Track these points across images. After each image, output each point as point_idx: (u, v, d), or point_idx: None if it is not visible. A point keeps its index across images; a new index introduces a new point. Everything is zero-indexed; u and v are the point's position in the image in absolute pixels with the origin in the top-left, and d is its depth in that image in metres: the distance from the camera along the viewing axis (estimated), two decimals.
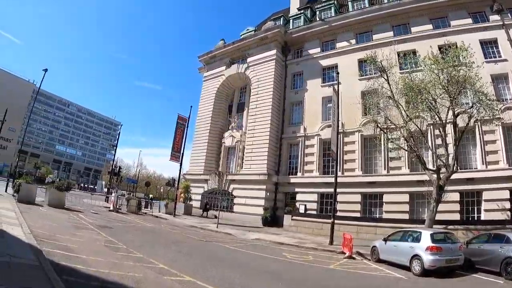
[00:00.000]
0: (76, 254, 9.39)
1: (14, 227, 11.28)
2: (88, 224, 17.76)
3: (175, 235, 18.99)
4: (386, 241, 15.59)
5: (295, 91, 40.33)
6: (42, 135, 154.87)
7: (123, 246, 12.32)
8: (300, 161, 36.55)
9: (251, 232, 25.11)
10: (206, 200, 41.39)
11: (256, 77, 41.12)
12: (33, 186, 24.15)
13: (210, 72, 48.23)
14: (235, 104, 46.41)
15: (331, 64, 37.65)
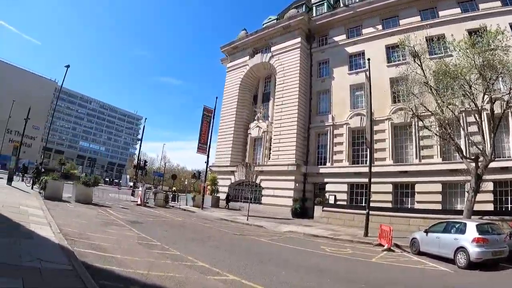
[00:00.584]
0: (110, 254, 9.06)
1: (42, 226, 10.93)
2: (118, 219, 17.77)
3: (207, 229, 19.05)
4: (427, 232, 15.30)
5: (321, 79, 40.16)
6: (66, 132, 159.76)
7: (157, 243, 12.14)
8: (329, 151, 36.57)
9: (282, 224, 25.43)
10: (228, 192, 42.13)
11: (281, 66, 41.16)
12: (59, 182, 24.22)
13: (233, 63, 48.61)
14: (260, 94, 46.58)
15: (357, 51, 37.32)
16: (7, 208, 13.18)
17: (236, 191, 42.89)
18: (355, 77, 36.26)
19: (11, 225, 10.17)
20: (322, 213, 30.70)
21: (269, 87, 45.53)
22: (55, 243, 8.79)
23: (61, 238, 9.45)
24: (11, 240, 8.10)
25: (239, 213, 33.40)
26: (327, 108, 38.62)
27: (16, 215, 12.05)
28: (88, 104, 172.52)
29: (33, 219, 12.06)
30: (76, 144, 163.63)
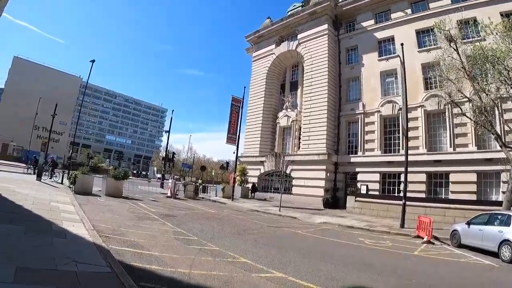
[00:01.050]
0: (147, 251, 8.80)
1: (75, 223, 10.66)
2: (150, 213, 17.53)
3: (242, 222, 18.78)
4: (469, 224, 14.98)
5: (350, 66, 39.72)
6: (92, 126, 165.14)
7: (194, 237, 11.88)
8: (360, 140, 36.32)
9: (315, 215, 25.50)
10: (256, 182, 42.54)
11: (308, 53, 40.87)
12: (89, 177, 24.11)
13: (259, 52, 48.59)
14: (287, 83, 46.50)
15: (387, 37, 36.66)
16: (38, 205, 13.04)
17: (266, 181, 43.23)
18: (386, 63, 35.76)
19: (43, 223, 9.92)
20: (354, 203, 30.51)
21: (296, 75, 45.38)
22: (90, 242, 8.51)
23: (95, 236, 9.24)
24: (44, 240, 7.79)
25: (270, 203, 33.68)
26: (357, 96, 38.25)
27: (48, 212, 11.87)
28: (113, 98, 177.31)
29: (65, 215, 11.90)
30: (103, 138, 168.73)
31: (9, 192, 14.89)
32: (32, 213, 11.18)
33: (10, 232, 7.87)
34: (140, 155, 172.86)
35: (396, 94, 34.25)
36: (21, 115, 74.96)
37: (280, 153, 40.88)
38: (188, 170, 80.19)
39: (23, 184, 20.20)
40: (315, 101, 38.44)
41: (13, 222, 9.00)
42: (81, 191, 22.00)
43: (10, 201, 12.69)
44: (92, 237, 8.99)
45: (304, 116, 39.78)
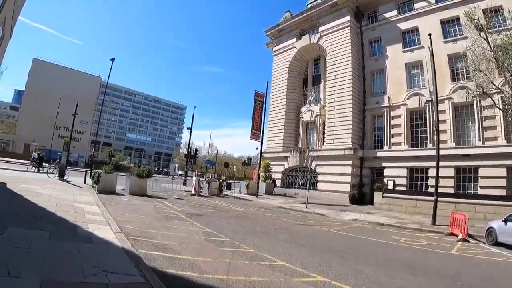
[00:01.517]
0: (179, 255, 8.42)
1: (101, 226, 10.32)
2: (177, 212, 17.20)
3: (271, 220, 18.40)
4: (506, 222, 14.56)
5: (374, 58, 38.95)
6: (113, 125, 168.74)
7: (225, 238, 11.49)
8: (386, 134, 35.63)
9: (343, 212, 25.12)
10: (278, 178, 42.34)
11: (330, 46, 40.29)
12: (113, 175, 23.93)
13: (279, 46, 48.17)
14: (309, 77, 45.95)
15: (411, 27, 35.80)
16: (62, 206, 12.81)
17: (290, 177, 42.85)
18: (411, 55, 35.02)
19: (68, 227, 9.56)
20: (382, 199, 29.99)
21: (318, 69, 44.83)
22: (118, 247, 8.17)
23: (123, 240, 8.93)
24: (70, 247, 7.42)
25: (295, 200, 33.33)
26: (382, 89, 37.51)
27: (72, 214, 11.55)
28: (133, 96, 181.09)
29: (90, 217, 11.57)
30: (123, 136, 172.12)
31: (32, 194, 14.72)
32: (56, 215, 10.89)
33: (33, 238, 7.50)
34: (161, 152, 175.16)
35: (422, 87, 33.55)
36: (42, 115, 76.46)
37: (305, 148, 40.51)
38: (211, 167, 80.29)
39: (46, 185, 19.99)
40: (339, 95, 37.84)
41: (36, 227, 8.71)
42: (105, 190, 21.88)
43: (33, 203, 12.44)
44: (121, 241, 8.71)
45: (328, 110, 39.15)
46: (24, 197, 13.58)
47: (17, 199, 13.12)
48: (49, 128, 69.85)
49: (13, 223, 8.50)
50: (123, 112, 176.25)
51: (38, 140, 74.02)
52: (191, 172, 44.49)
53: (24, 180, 20.65)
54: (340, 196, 34.19)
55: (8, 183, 16.85)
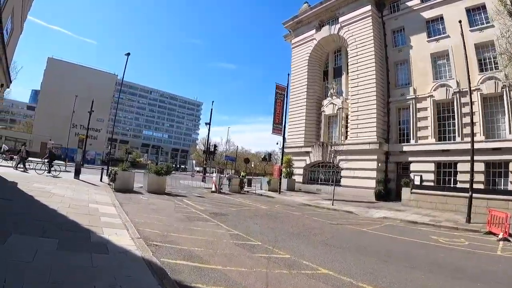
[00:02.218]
0: (208, 265, 7.55)
1: (117, 230, 9.52)
2: (199, 212, 16.22)
3: (300, 219, 17.29)
4: None
5: (398, 49, 37.45)
6: (129, 122, 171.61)
7: (256, 242, 10.54)
8: (412, 127, 34.18)
9: (371, 209, 24.06)
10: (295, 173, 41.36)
11: (352, 37, 38.99)
12: (130, 173, 23.18)
13: (298, 38, 47.00)
14: (330, 69, 44.68)
15: (435, 16, 34.29)
16: (75, 208, 11.98)
17: (312, 173, 41.77)
18: (436, 44, 33.57)
19: (80, 233, 8.61)
20: (410, 195, 28.50)
21: (339, 61, 43.58)
22: (138, 257, 7.23)
23: (143, 247, 8.01)
24: (81, 258, 6.43)
25: (319, 196, 32.35)
26: (406, 80, 36.06)
27: (86, 217, 10.73)
28: (149, 94, 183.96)
29: (106, 220, 10.75)
30: (140, 133, 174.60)
31: (44, 194, 13.94)
32: (68, 219, 10.03)
33: (39, 248, 6.59)
34: (177, 148, 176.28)
35: (449, 77, 32.10)
36: (58, 114, 76.86)
37: (327, 143, 39.35)
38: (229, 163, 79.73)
39: (60, 184, 19.35)
40: (363, 87, 36.58)
41: (44, 234, 7.76)
42: (122, 188, 21.25)
43: (44, 205, 11.65)
44: (140, 249, 7.80)
45: (352, 103, 37.88)
46: (34, 198, 12.82)
47: (26, 200, 12.36)
48: (65, 126, 70.31)
49: (18, 229, 7.72)
50: (139, 110, 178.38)
51: (55, 139, 74.27)
52: (209, 168, 43.51)
53: (38, 179, 19.99)
54: (365, 192, 32.95)
55: (20, 183, 16.24)
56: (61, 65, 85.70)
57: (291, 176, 40.82)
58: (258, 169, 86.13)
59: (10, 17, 14.76)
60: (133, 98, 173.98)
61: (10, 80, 18.25)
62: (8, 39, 15.79)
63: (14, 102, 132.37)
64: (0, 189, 14.31)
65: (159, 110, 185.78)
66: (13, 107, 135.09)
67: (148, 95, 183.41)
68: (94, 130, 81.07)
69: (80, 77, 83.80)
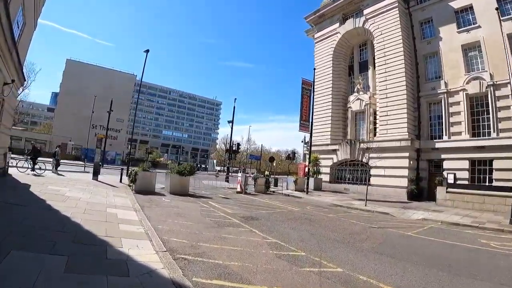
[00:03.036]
0: (251, 286, 6.39)
1: (139, 242, 8.33)
2: (229, 216, 14.99)
3: (337, 223, 16.02)
4: None
5: (426, 41, 35.90)
6: (149, 122, 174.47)
7: (299, 252, 9.30)
8: (444, 122, 32.64)
9: (407, 210, 22.86)
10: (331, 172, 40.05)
11: (378, 30, 37.65)
12: (151, 173, 22.30)
13: (321, 33, 45.80)
14: (356, 64, 43.35)
15: (464, 6, 32.67)
16: (91, 214, 10.91)
17: (339, 171, 40.49)
18: (466, 35, 31.98)
19: (95, 247, 7.38)
20: (446, 195, 27.24)
21: (365, 55, 42.24)
22: (166, 278, 6.00)
23: (171, 264, 6.79)
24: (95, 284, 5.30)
25: (348, 196, 31.23)
26: (437, 73, 34.52)
27: (102, 225, 9.55)
28: (168, 94, 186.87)
29: (125, 228, 9.63)
30: (160, 133, 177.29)
31: (59, 198, 13.15)
32: (82, 228, 8.86)
33: (42, 269, 5.43)
34: (197, 148, 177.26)
35: (482, 70, 30.51)
36: (77, 115, 77.97)
37: (355, 140, 38.13)
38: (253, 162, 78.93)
39: (77, 185, 18.69)
40: (392, 82, 35.22)
41: (52, 249, 6.58)
42: (143, 189, 20.45)
43: (55, 211, 10.63)
44: (167, 267, 6.56)
45: (380, 98, 36.43)
46: (46, 202, 11.92)
47: (37, 205, 11.34)
48: (85, 127, 71.10)
49: (20, 243, 6.58)
50: (159, 110, 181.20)
51: (74, 139, 75.03)
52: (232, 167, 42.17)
53: (54, 181, 19.42)
54: (396, 191, 31.72)
55: (34, 185, 15.59)
56: (79, 67, 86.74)
57: (318, 175, 39.64)
58: (280, 168, 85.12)
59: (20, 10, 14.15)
60: (152, 98, 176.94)
61: (24, 78, 17.64)
62: (20, 33, 15.22)
63: (34, 105, 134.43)
64: (10, 192, 13.50)
65: (178, 110, 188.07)
66: (33, 109, 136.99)
67: (167, 95, 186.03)
68: (114, 130, 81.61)
69: (99, 78, 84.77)
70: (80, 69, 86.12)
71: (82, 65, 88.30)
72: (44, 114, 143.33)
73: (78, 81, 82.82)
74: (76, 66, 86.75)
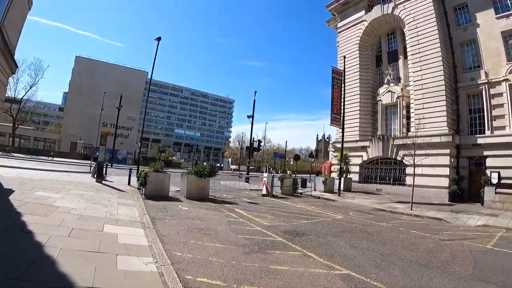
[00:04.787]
0: None
1: (149, 284, 5.70)
2: (265, 230, 11.81)
3: (397, 235, 12.95)
4: None
5: (462, 27, 32.89)
6: (161, 121, 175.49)
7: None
8: (486, 116, 29.67)
9: (459, 214, 19.95)
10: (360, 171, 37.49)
11: (409, 16, 34.69)
12: (164, 175, 19.15)
13: (345, 21, 42.93)
14: (384, 54, 40.26)
15: None
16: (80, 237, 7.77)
17: (369, 170, 37.38)
18: (506, 21, 29.14)
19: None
20: (495, 196, 24.35)
21: (394, 43, 39.27)
22: None
23: None
24: None
25: (383, 198, 28.39)
26: (475, 62, 31.54)
27: (92, 258, 6.37)
28: (180, 92, 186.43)
29: (127, 262, 6.58)
30: (172, 132, 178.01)
31: (42, 210, 9.95)
32: (55, 271, 5.48)
33: None
34: (210, 147, 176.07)
35: None
36: (88, 113, 76.61)
37: (388, 136, 35.22)
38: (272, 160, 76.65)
39: (75, 190, 15.77)
40: (427, 71, 32.25)
41: None
42: (154, 194, 17.44)
43: (29, 234, 7.33)
44: None
45: (415, 89, 33.31)
46: (22, 217, 8.73)
47: (5, 223, 7.96)
48: (95, 125, 69.11)
49: None
50: (170, 108, 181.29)
51: (85, 138, 73.37)
52: (266, 167, 38.45)
53: (49, 185, 16.29)
54: (435, 192, 28.85)
55: (19, 190, 12.84)
56: (89, 64, 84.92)
57: (347, 175, 36.18)
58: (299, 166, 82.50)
59: None
60: (164, 97, 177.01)
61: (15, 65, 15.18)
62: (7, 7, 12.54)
63: (46, 104, 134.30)
64: None
65: (190, 108, 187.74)
66: (45, 109, 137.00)
67: (179, 93, 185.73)
68: (125, 128, 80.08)
69: (109, 75, 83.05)
70: (89, 66, 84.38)
71: (92, 62, 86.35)
72: (56, 114, 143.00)
73: (87, 79, 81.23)
74: (85, 63, 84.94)
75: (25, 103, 71.93)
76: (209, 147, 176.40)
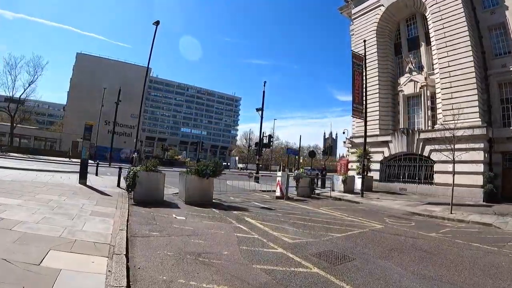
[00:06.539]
0: None
1: None
2: (292, 254, 8.02)
3: (466, 252, 9.60)
4: None
5: (489, 10, 30.15)
6: (167, 120, 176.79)
7: None
8: None
9: (505, 217, 17.09)
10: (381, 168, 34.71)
11: None
12: (158, 174, 15.68)
13: (360, 7, 39.91)
14: (403, 41, 37.25)
15: None
16: None
17: (391, 167, 34.27)
18: None
19: None
20: None
21: (414, 30, 36.27)
22: None
23: None
24: None
25: (412, 199, 25.52)
26: (506, 48, 28.80)
27: None
28: (185, 91, 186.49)
29: None
30: (178, 131, 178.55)
31: None
32: None
33: None
34: (217, 145, 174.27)
35: None
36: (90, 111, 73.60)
37: (413, 130, 32.17)
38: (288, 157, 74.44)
39: (42, 195, 12.27)
40: (454, 57, 29.24)
41: None
42: (145, 198, 14.26)
43: None
44: None
45: (442, 77, 30.10)
46: None
47: None
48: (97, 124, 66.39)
49: None
50: (176, 107, 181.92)
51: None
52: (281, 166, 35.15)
53: (16, 188, 13.14)
54: (467, 191, 25.82)
55: None
56: (91, 60, 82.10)
57: (368, 173, 32.57)
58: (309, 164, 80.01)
59: None
60: (170, 95, 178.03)
61: None
62: None
63: (50, 104, 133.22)
64: None
65: (196, 106, 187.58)
66: (49, 109, 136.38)
67: (185, 91, 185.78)
68: (128, 127, 78.07)
69: (112, 72, 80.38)
70: (91, 63, 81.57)
71: (94, 59, 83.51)
72: (60, 114, 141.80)
73: (89, 76, 78.58)
74: (87, 60, 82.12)
75: (24, 102, 69.86)
76: (216, 145, 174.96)
